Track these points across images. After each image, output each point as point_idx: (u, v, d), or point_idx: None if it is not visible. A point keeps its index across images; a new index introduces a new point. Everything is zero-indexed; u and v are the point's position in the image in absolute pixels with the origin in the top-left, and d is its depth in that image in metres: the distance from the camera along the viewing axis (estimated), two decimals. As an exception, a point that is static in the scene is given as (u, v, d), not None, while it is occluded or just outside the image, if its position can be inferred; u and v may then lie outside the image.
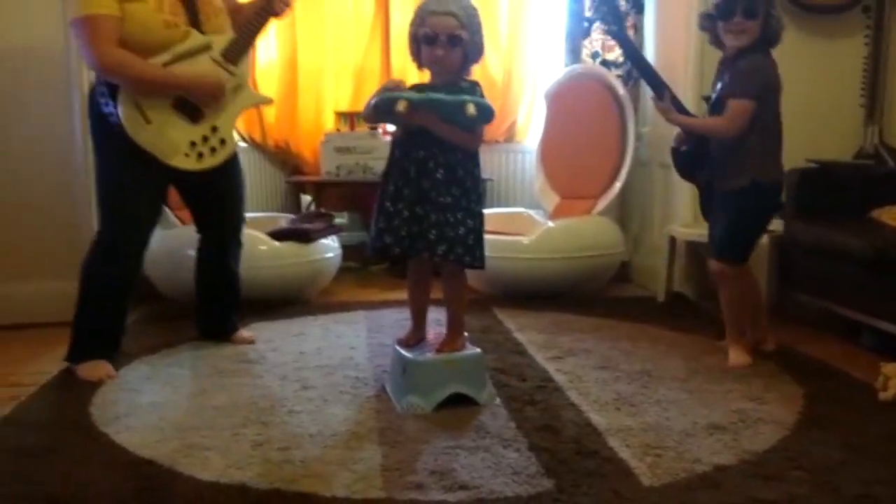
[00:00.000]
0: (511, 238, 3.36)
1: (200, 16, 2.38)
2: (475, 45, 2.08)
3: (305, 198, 4.16)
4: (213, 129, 2.39)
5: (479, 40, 2.09)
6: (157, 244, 2.98)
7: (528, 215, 3.77)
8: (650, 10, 3.73)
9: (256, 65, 3.99)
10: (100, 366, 2.36)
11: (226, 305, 2.72)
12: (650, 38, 3.69)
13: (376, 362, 2.46)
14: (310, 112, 4.10)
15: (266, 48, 4.03)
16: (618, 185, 3.59)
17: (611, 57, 3.87)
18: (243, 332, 2.75)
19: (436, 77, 2.12)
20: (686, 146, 2.50)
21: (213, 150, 2.39)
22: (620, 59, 3.85)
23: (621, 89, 3.69)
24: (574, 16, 3.91)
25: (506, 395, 2.17)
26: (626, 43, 2.73)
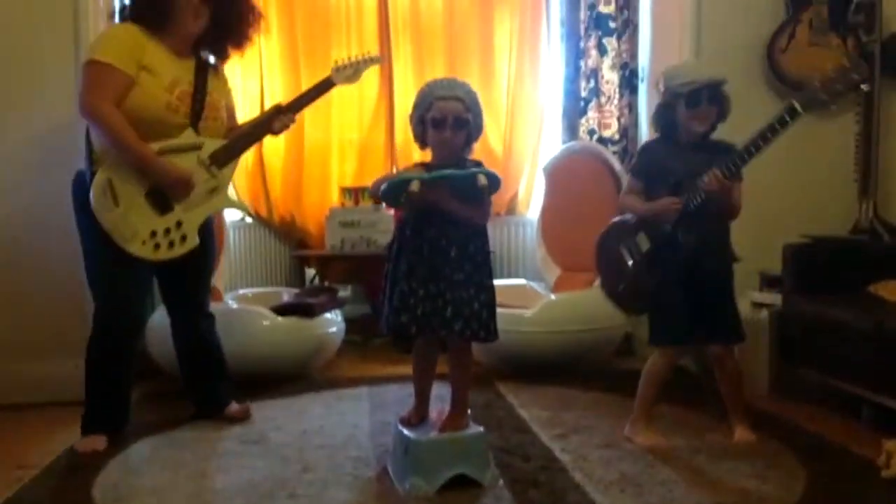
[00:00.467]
0: (513, 311, 3.37)
1: (203, 116, 2.43)
2: (477, 127, 2.18)
3: (309, 271, 4.21)
4: (178, 224, 2.39)
5: (480, 122, 2.19)
6: (156, 320, 3.02)
7: (530, 287, 3.80)
8: (643, 91, 3.86)
9: (264, 140, 4.06)
10: (94, 440, 2.39)
11: (210, 380, 2.69)
12: (643, 115, 3.78)
13: (378, 441, 2.45)
14: (315, 187, 4.19)
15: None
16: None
17: (607, 134, 3.96)
18: (235, 405, 2.70)
19: (439, 157, 2.19)
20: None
21: (171, 243, 2.38)
22: (616, 136, 3.95)
23: (618, 165, 3.78)
24: (570, 95, 4.03)
25: (509, 476, 2.16)
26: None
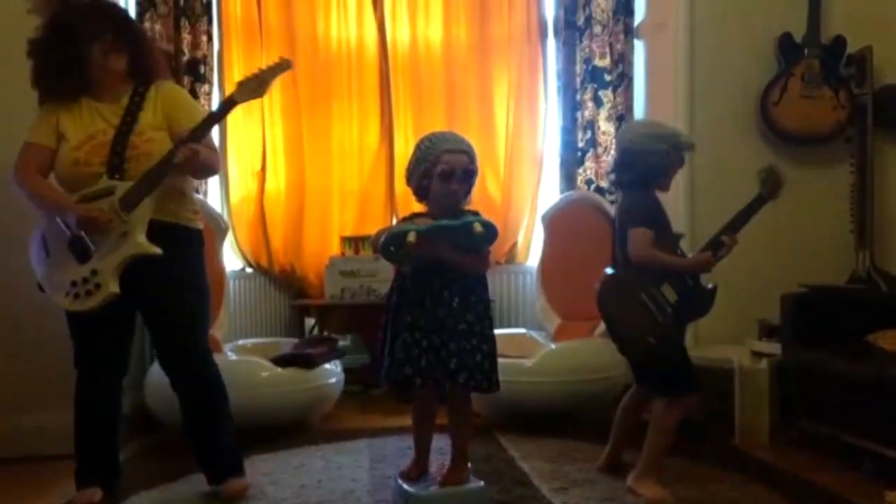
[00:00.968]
0: (512, 360, 3.36)
1: (126, 157, 2.33)
2: (475, 178, 2.24)
3: (309, 320, 4.21)
4: (93, 272, 2.29)
5: (476, 173, 2.24)
6: (154, 373, 2.99)
7: (530, 336, 3.79)
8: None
9: (265, 189, 4.10)
10: (90, 493, 2.36)
11: (203, 447, 2.48)
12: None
13: (378, 496, 2.42)
14: (315, 236, 4.21)
15: (275, 174, 4.14)
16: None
17: (604, 184, 4.01)
18: (233, 481, 2.46)
19: (438, 209, 2.19)
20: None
21: (87, 292, 2.30)
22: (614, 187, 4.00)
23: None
24: (568, 145, 4.09)
25: (510, 532, 2.14)
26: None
